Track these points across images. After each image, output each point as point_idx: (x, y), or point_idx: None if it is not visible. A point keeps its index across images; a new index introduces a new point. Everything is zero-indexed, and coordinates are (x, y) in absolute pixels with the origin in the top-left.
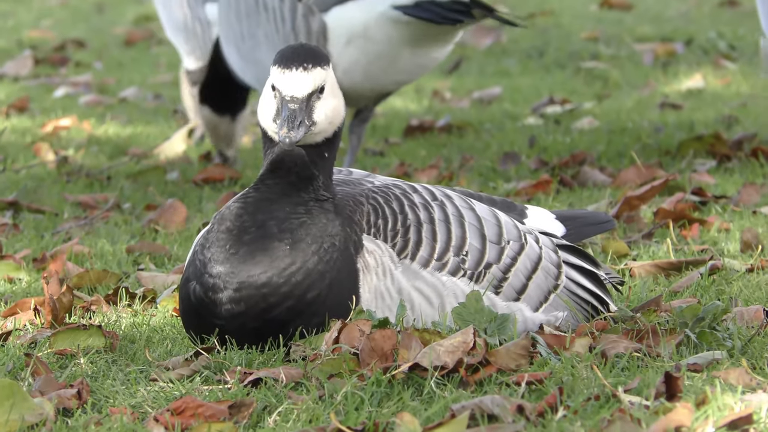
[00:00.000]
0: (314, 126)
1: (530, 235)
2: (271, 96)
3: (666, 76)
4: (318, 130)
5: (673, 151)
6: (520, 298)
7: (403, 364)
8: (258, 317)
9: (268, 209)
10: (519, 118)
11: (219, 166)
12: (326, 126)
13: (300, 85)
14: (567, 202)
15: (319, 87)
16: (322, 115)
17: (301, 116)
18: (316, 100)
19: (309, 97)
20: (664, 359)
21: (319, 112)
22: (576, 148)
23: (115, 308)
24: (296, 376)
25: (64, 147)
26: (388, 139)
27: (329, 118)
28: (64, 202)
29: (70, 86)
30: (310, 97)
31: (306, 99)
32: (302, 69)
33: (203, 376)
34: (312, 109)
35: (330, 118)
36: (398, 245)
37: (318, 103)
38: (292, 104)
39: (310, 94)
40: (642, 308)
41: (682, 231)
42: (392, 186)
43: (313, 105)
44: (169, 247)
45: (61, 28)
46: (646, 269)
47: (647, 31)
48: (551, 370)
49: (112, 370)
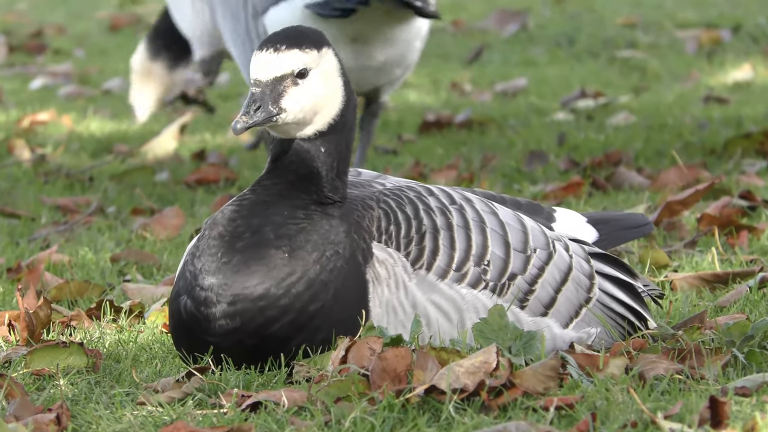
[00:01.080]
0: (283, 114)
1: (559, 243)
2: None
3: (711, 66)
4: (293, 120)
5: (718, 150)
6: (548, 313)
7: (418, 387)
8: (255, 333)
9: (264, 213)
10: (547, 112)
11: (213, 165)
12: (308, 116)
13: (265, 67)
14: (600, 206)
15: (293, 71)
16: (297, 103)
17: (262, 101)
18: (291, 86)
19: (277, 81)
20: (709, 382)
21: (293, 98)
22: (610, 147)
23: (99, 324)
24: (299, 400)
25: (42, 144)
26: (402, 136)
27: (311, 107)
28: (41, 206)
29: (48, 76)
30: (278, 81)
31: (271, 83)
32: (272, 50)
33: (196, 400)
34: (280, 95)
35: (312, 107)
36: (412, 254)
37: (293, 89)
38: (254, 88)
39: (279, 78)
40: (684, 325)
41: (729, 239)
42: (406, 188)
43: (282, 90)
44: (158, 255)
45: (37, 11)
46: (688, 282)
47: (690, 16)
48: (583, 394)
49: (95, 393)
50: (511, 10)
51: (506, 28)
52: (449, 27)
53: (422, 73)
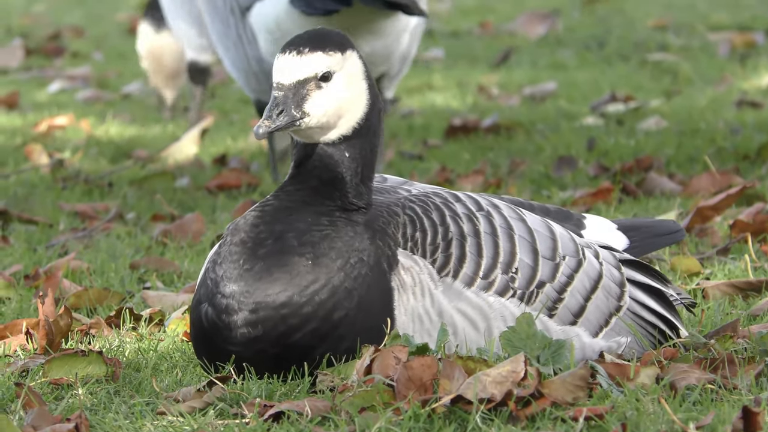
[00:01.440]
0: (306, 118)
1: (589, 250)
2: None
3: (744, 69)
4: (317, 124)
5: (752, 155)
6: (577, 322)
7: (444, 397)
8: (277, 342)
9: (287, 219)
10: (576, 117)
11: (235, 170)
12: (332, 120)
13: (288, 70)
14: (631, 212)
15: (317, 74)
16: (320, 107)
17: (285, 105)
18: (314, 89)
19: (300, 85)
20: (742, 392)
21: (317, 103)
22: (641, 152)
23: (118, 332)
24: (323, 410)
25: (60, 149)
26: (428, 141)
27: (334, 111)
28: (59, 212)
29: (66, 80)
30: (301, 84)
31: (294, 86)
32: (295, 53)
33: (218, 409)
34: (303, 99)
35: (336, 111)
36: (439, 261)
37: (316, 93)
38: (277, 91)
39: (302, 81)
40: (717, 334)
41: (763, 246)
42: (432, 194)
43: (306, 94)
44: (179, 262)
45: (55, 13)
46: (721, 289)
47: (723, 18)
48: (613, 404)
49: (114, 402)
50: (540, 12)
51: (535, 31)
52: (476, 29)
53: (448, 77)
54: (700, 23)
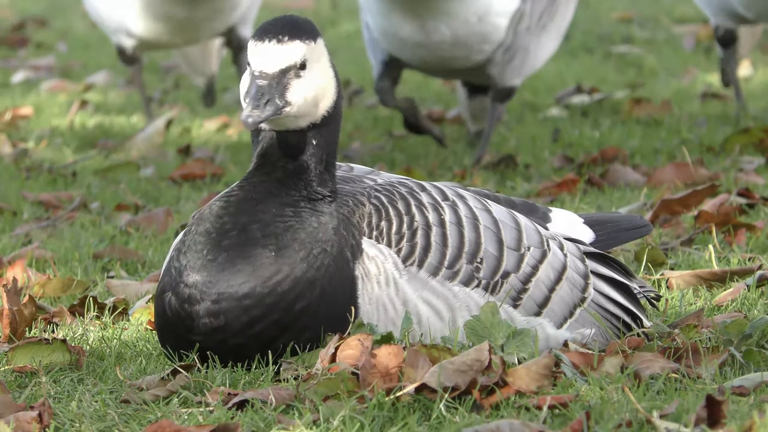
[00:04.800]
0: (288, 107)
1: (554, 242)
2: (247, 73)
3: (709, 62)
4: (296, 113)
5: (716, 147)
6: (541, 313)
7: (408, 385)
8: (240, 333)
9: (252, 211)
10: (541, 108)
11: (199, 161)
12: (309, 108)
13: (271, 59)
14: (595, 204)
15: (297, 63)
16: (300, 95)
17: (270, 94)
18: (294, 78)
19: (282, 74)
20: (706, 381)
21: (297, 91)
22: (605, 144)
23: (82, 320)
24: (287, 398)
25: (24, 139)
26: (393, 132)
27: (312, 99)
28: (23, 201)
29: (30, 70)
30: (283, 73)
31: (278, 75)
32: (276, 41)
33: (182, 398)
34: (286, 87)
35: (313, 99)
36: (404, 251)
37: (296, 81)
38: (261, 80)
39: (284, 69)
40: (681, 323)
41: (727, 237)
42: (397, 184)
43: (287, 82)
44: (143, 252)
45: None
46: (685, 280)
47: (687, 11)
48: (577, 393)
49: (78, 391)
50: None
51: None
52: None
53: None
54: (664, 16)
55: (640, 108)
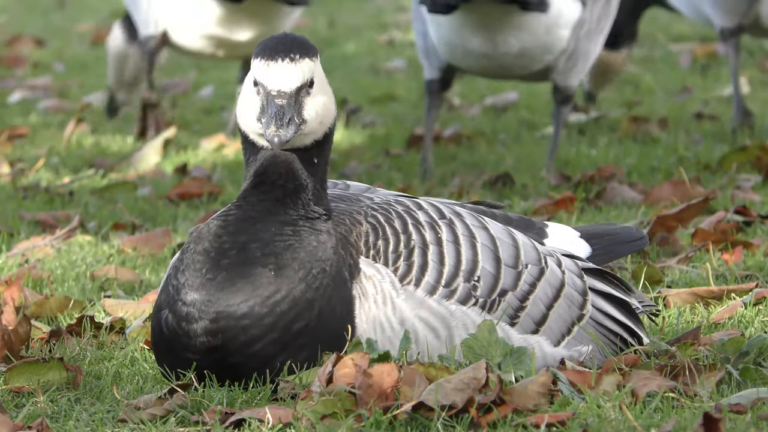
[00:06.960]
0: (304, 125)
1: (551, 258)
2: (253, 93)
3: (705, 80)
4: (308, 130)
5: (713, 165)
6: (539, 330)
7: (405, 404)
8: (238, 352)
9: (251, 230)
10: (538, 127)
11: (196, 179)
12: (316, 126)
13: (287, 77)
14: (592, 221)
15: (308, 81)
16: (312, 112)
17: (290, 113)
18: (305, 96)
19: (298, 92)
20: (703, 399)
21: (309, 109)
22: (602, 162)
23: (79, 340)
24: (285, 417)
25: (21, 158)
26: (390, 151)
27: (320, 116)
28: (20, 221)
29: (27, 90)
30: (299, 91)
31: (295, 94)
32: (289, 60)
33: (179, 417)
34: (301, 106)
35: (320, 116)
36: (401, 270)
37: (307, 100)
38: (280, 99)
39: (299, 88)
40: (678, 341)
41: (724, 255)
42: (394, 202)
43: (302, 101)
44: (140, 271)
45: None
46: (682, 297)
47: (684, 29)
48: (574, 411)
49: (75, 410)
50: None
51: None
52: None
53: (410, 87)
54: (661, 34)
55: (637, 126)
